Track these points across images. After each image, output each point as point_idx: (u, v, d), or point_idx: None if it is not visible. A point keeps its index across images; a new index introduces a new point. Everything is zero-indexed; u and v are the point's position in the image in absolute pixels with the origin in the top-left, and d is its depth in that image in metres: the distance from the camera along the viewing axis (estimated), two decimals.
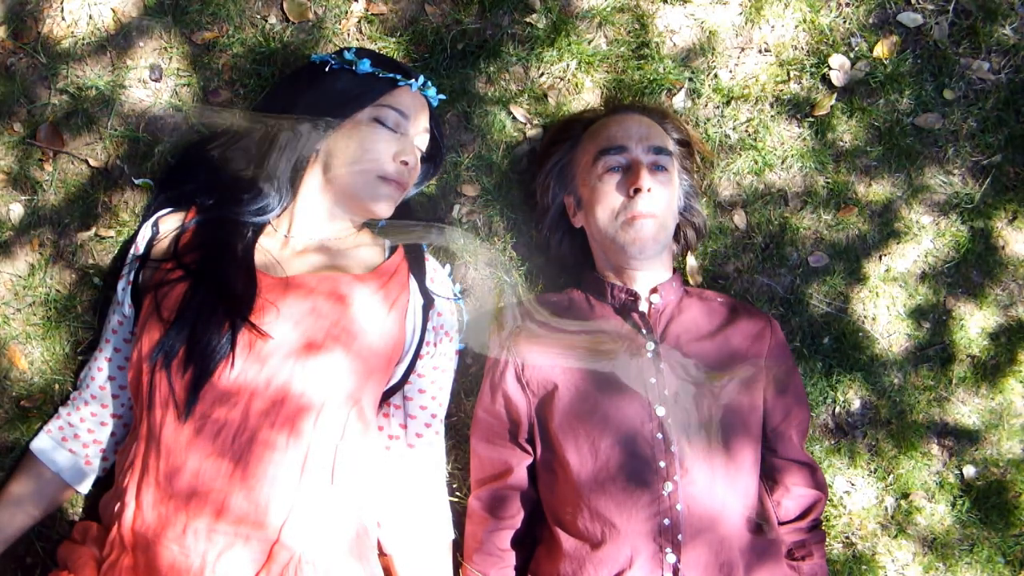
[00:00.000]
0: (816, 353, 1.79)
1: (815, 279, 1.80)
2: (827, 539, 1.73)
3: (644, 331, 1.54)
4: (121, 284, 1.51)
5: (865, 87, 1.81)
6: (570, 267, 1.73)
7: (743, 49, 1.81)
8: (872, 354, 1.81)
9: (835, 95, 1.80)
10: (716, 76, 1.79)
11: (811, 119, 1.80)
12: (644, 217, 1.52)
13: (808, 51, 1.81)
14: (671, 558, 1.42)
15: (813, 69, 1.80)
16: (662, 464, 1.45)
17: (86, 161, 1.65)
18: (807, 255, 1.81)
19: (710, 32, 1.79)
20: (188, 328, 1.34)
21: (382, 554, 1.53)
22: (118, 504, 1.36)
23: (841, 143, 1.81)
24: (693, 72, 1.79)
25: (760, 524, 1.51)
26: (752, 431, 1.53)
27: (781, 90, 1.80)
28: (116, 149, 1.66)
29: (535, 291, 1.76)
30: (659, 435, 1.46)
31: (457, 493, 1.69)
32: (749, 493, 1.50)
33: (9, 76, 1.63)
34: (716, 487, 1.46)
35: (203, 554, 1.28)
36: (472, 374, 1.70)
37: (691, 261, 1.78)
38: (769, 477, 1.60)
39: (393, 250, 1.54)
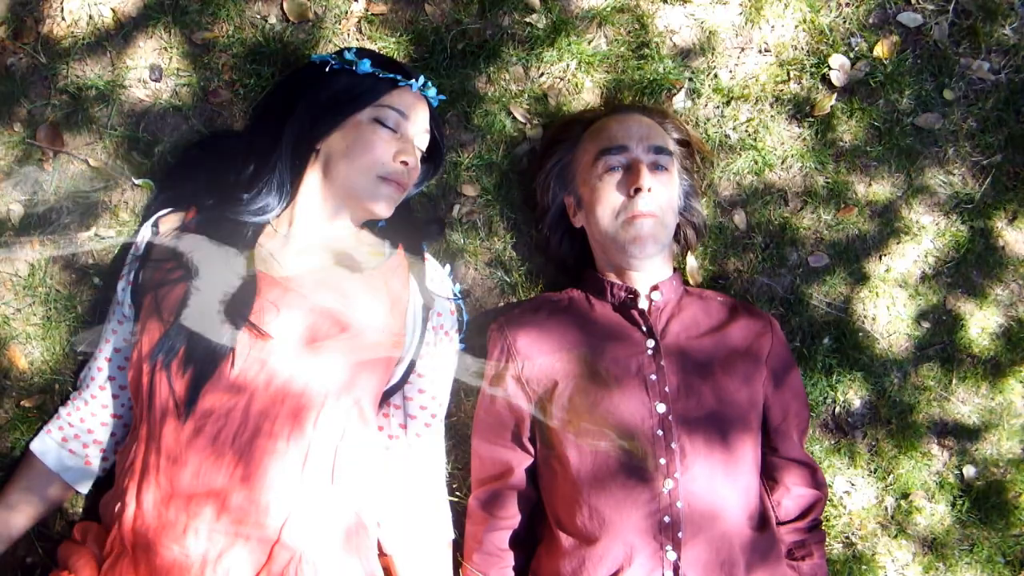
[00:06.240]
0: (816, 353, 1.79)
1: (815, 279, 1.80)
2: (827, 539, 1.73)
3: (644, 328, 1.54)
4: (121, 284, 1.51)
5: (865, 87, 1.81)
6: (570, 267, 1.73)
7: (743, 49, 1.81)
8: (872, 354, 1.80)
9: (835, 95, 1.80)
10: (716, 76, 1.79)
11: (811, 119, 1.80)
12: (644, 216, 1.52)
13: (808, 51, 1.81)
14: (671, 555, 1.42)
15: (813, 69, 1.80)
16: (662, 461, 1.45)
17: (86, 161, 1.65)
18: (807, 255, 1.81)
19: (710, 32, 1.79)
20: (188, 328, 1.34)
21: (382, 554, 1.53)
22: (118, 504, 1.36)
23: (841, 143, 1.81)
24: (693, 72, 1.79)
25: (761, 521, 1.51)
26: (752, 428, 1.53)
27: (781, 90, 1.80)
28: (116, 149, 1.66)
29: (535, 291, 1.76)
30: (659, 432, 1.46)
31: (457, 493, 1.69)
32: (750, 491, 1.50)
33: (9, 76, 1.63)
34: (716, 484, 1.46)
35: (203, 554, 1.28)
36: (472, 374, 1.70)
37: (691, 261, 1.78)
38: (769, 476, 1.60)
39: (393, 250, 1.54)
